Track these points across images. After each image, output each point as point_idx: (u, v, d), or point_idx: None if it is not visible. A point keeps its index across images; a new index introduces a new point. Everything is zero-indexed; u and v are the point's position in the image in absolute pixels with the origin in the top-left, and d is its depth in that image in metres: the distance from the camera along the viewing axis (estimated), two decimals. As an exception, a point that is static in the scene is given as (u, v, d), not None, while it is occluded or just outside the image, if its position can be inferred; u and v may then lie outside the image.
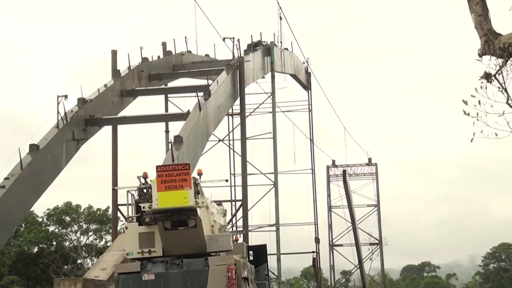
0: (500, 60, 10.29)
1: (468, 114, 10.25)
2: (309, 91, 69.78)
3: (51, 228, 74.66)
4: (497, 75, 10.38)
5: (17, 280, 63.89)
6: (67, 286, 30.47)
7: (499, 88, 10.36)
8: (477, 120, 10.23)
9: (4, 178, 38.05)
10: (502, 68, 10.31)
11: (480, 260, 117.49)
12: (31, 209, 49.38)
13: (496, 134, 10.26)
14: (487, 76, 10.41)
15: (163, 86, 55.50)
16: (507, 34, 10.29)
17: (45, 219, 74.19)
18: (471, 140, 10.44)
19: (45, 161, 41.05)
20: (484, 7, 10.53)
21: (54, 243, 73.51)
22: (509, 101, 10.28)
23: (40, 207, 73.90)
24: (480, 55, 10.55)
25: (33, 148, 40.07)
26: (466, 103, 10.24)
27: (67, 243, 74.09)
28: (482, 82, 10.38)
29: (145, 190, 25.73)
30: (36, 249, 71.96)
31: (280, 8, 62.72)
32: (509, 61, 10.23)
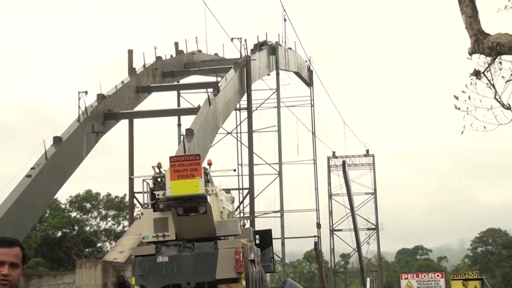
0: (489, 58, 10.26)
1: (459, 109, 10.22)
2: (311, 87, 69.75)
3: (73, 214, 74.69)
4: (485, 72, 10.35)
5: (42, 262, 63.99)
6: (88, 268, 30.46)
7: (487, 84, 10.33)
8: (467, 114, 10.20)
9: (31, 168, 38.17)
10: (490, 66, 10.29)
11: (468, 244, 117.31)
12: (55, 197, 49.49)
13: (485, 127, 10.24)
14: (477, 73, 10.37)
15: (175, 83, 55.57)
16: (495, 34, 10.26)
17: (67, 206, 74.22)
18: (462, 133, 10.41)
19: (67, 152, 41.14)
20: (474, 9, 10.49)
21: (76, 228, 73.52)
22: (497, 96, 10.24)
23: (63, 195, 74.08)
24: (470, 54, 10.51)
25: (57, 140, 40.17)
26: (457, 98, 10.21)
27: (87, 228, 74.14)
28: (472, 79, 10.34)
29: (159, 179, 25.72)
30: (59, 234, 72.00)
31: (284, 10, 62.72)
32: (496, 59, 10.21)
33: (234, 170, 53.13)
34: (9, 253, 4.95)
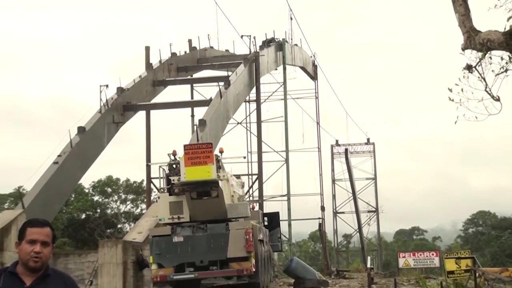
0: (480, 54, 10.23)
1: (453, 100, 10.19)
2: (316, 81, 69.59)
3: (96, 198, 74.93)
4: (477, 67, 10.32)
5: (68, 241, 64.27)
6: (109, 247, 30.53)
7: (478, 77, 10.30)
8: (460, 105, 10.17)
9: (57, 156, 38.40)
10: (482, 61, 10.26)
11: (460, 225, 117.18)
12: (79, 182, 49.65)
13: (476, 117, 10.22)
14: (469, 68, 10.35)
15: (189, 77, 55.58)
16: (485, 31, 10.23)
17: (90, 190, 74.45)
18: (455, 123, 10.38)
19: (90, 141, 41.30)
20: (466, 8, 10.47)
21: (98, 210, 73.73)
22: (487, 89, 10.22)
23: (87, 180, 74.28)
24: (463, 49, 10.48)
25: (81, 130, 40.33)
26: (451, 90, 10.19)
27: (109, 211, 74.34)
28: (464, 73, 10.32)
29: (174, 166, 25.77)
30: (83, 216, 72.24)
31: (291, 9, 62.61)
32: (487, 55, 10.19)
33: (244, 157, 53.26)
34: (40, 232, 4.99)
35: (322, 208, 62.60)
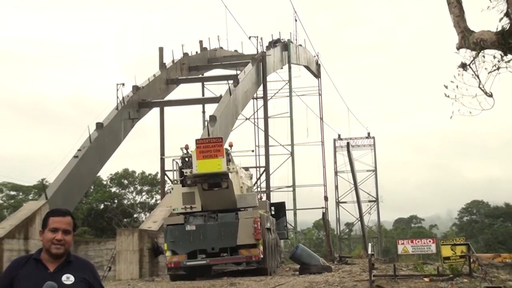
0: (474, 53, 10.21)
1: (448, 96, 10.18)
2: (319, 79, 69.46)
3: (113, 189, 75.01)
4: (471, 65, 10.30)
5: (88, 230, 64.37)
6: (127, 235, 30.66)
7: (472, 75, 10.28)
8: (455, 101, 10.16)
9: (77, 150, 38.54)
10: (475, 59, 10.25)
11: (456, 214, 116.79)
12: (98, 174, 49.78)
13: (470, 112, 10.20)
14: (463, 66, 10.33)
15: (200, 76, 55.55)
16: (479, 31, 10.21)
17: (108, 182, 74.53)
18: (451, 117, 10.37)
19: (108, 136, 41.38)
20: (461, 10, 10.44)
21: (116, 201, 73.82)
22: (481, 86, 10.20)
23: (105, 172, 74.46)
24: (458, 49, 10.46)
25: (99, 125, 40.42)
26: (446, 87, 10.17)
27: (125, 201, 74.42)
28: (459, 70, 10.30)
29: (186, 159, 25.80)
30: (102, 206, 72.35)
31: (295, 12, 62.56)
32: (480, 53, 10.17)
33: (252, 151, 53.01)
34: (62, 221, 5.01)
35: (326, 198, 62.61)
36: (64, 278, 4.89)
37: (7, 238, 31.85)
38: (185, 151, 26.07)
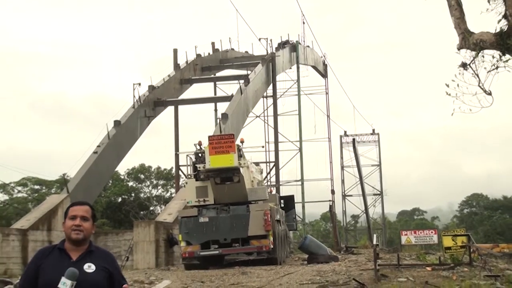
0: (473, 53, 10.19)
1: (450, 95, 10.15)
2: (326, 78, 69.35)
3: (130, 183, 75.13)
4: (471, 64, 10.28)
5: (107, 222, 64.51)
6: (143, 227, 30.76)
7: (472, 74, 10.26)
8: (456, 99, 10.13)
9: (97, 146, 38.70)
10: (475, 59, 10.22)
11: (456, 207, 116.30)
12: (116, 169, 49.95)
13: (470, 110, 10.18)
14: (464, 65, 10.30)
15: (212, 76, 55.59)
16: (478, 32, 10.18)
17: (126, 177, 74.64)
18: (452, 115, 10.35)
19: (125, 133, 41.50)
20: (461, 12, 10.42)
21: (133, 194, 73.94)
22: (480, 84, 10.18)
23: (122, 167, 74.47)
24: (459, 49, 10.43)
25: (117, 123, 40.56)
26: (448, 86, 10.15)
27: (142, 195, 74.52)
28: (460, 70, 10.28)
29: (200, 154, 25.85)
30: (120, 199, 72.49)
31: (303, 15, 62.45)
32: (480, 53, 10.15)
33: (262, 147, 53.26)
34: (80, 209, 5.06)
35: (332, 192, 62.58)
36: (85, 266, 4.94)
37: (31, 230, 32.07)
38: (198, 147, 26.13)
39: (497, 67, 10.10)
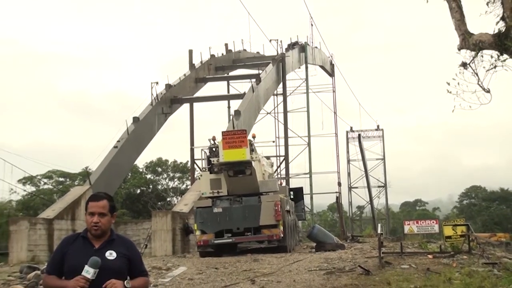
0: (473, 53, 10.17)
1: (450, 92, 10.14)
2: (333, 77, 69.23)
3: (149, 176, 75.40)
4: (471, 64, 10.25)
5: (126, 212, 64.75)
6: (161, 216, 30.87)
7: (472, 73, 10.24)
8: (457, 96, 10.12)
9: (117, 141, 38.87)
10: (474, 59, 10.20)
11: (456, 198, 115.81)
12: (135, 162, 50.15)
13: (470, 107, 10.17)
14: (464, 65, 10.28)
15: (225, 75, 55.61)
16: (477, 33, 10.16)
17: (144, 169, 74.93)
18: (453, 111, 10.34)
19: (143, 129, 41.63)
20: (461, 15, 10.39)
21: (151, 186, 74.20)
22: (479, 83, 10.16)
23: (141, 161, 74.77)
24: (459, 49, 10.40)
25: (135, 119, 40.69)
26: (449, 84, 10.13)
27: (159, 187, 74.76)
28: (460, 69, 10.26)
29: (214, 149, 25.88)
30: (138, 191, 72.78)
31: (312, 17, 62.47)
32: (479, 53, 10.12)
33: (273, 142, 53.57)
34: (97, 205, 5.08)
35: (339, 184, 62.56)
36: (107, 253, 5.00)
37: (56, 219, 32.31)
38: (212, 142, 26.16)
39: (495, 66, 10.08)
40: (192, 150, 47.69)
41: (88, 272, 4.80)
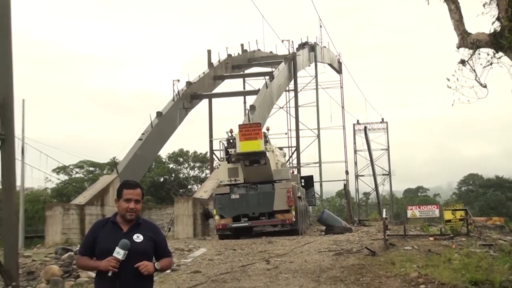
0: (471, 51, 10.13)
1: (450, 87, 10.12)
2: (341, 74, 69.04)
3: (171, 165, 75.71)
4: (469, 61, 10.22)
5: (151, 199, 65.12)
6: (182, 202, 31.02)
7: (470, 69, 10.21)
8: (456, 91, 10.11)
9: (141, 134, 39.04)
10: (472, 56, 10.16)
11: (455, 185, 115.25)
12: (158, 153, 50.36)
13: (468, 101, 10.16)
14: (462, 62, 10.24)
15: (241, 73, 55.61)
16: (475, 33, 10.12)
17: (167, 160, 75.23)
18: (452, 105, 10.33)
19: (166, 123, 41.81)
20: (460, 15, 10.35)
21: (173, 175, 74.51)
22: (477, 78, 10.12)
23: (164, 152, 75.07)
24: (458, 48, 10.37)
25: (159, 114, 40.85)
26: (448, 80, 10.12)
27: (181, 175, 75.06)
28: (459, 66, 10.24)
29: (231, 140, 25.93)
30: (162, 179, 73.12)
31: (320, 19, 62.75)
32: (476, 51, 10.08)
33: (285, 134, 53.50)
34: (134, 193, 5.13)
35: (346, 172, 62.35)
36: (134, 236, 5.05)
37: (87, 205, 32.59)
38: (229, 134, 26.22)
39: (491, 63, 10.05)
40: (211, 142, 47.86)
41: (119, 253, 4.87)
